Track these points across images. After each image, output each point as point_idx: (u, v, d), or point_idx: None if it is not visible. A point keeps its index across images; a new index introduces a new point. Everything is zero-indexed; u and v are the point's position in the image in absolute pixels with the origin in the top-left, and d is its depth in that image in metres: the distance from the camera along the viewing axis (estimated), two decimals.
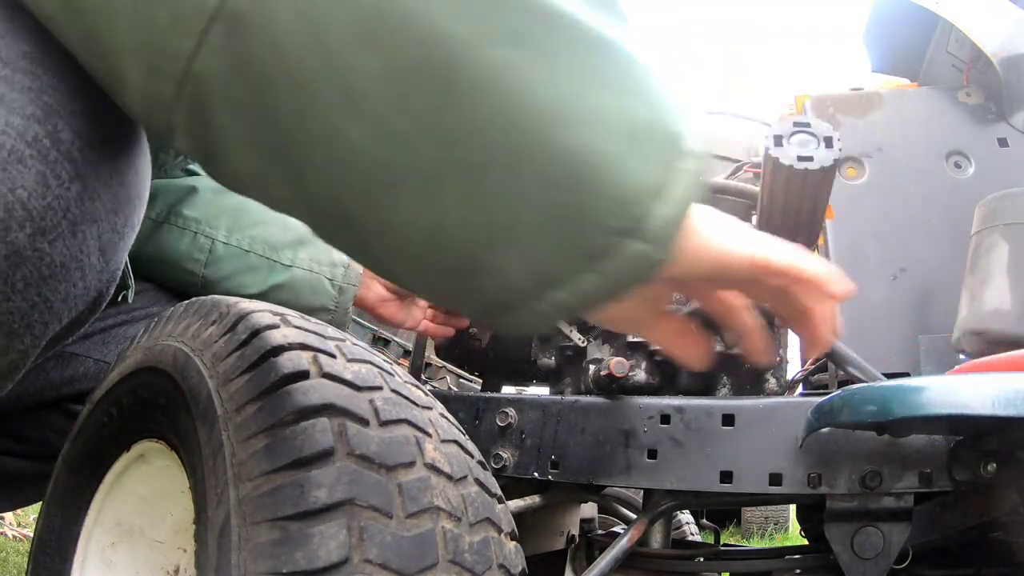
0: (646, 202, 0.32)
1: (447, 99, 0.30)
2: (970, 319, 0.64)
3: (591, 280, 0.33)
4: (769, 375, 0.85)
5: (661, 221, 0.32)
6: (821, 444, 0.67)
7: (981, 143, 0.82)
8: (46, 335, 0.38)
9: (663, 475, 0.73)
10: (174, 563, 0.74)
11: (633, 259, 0.33)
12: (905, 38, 1.04)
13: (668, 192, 0.33)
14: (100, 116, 0.39)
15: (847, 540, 0.66)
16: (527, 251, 0.32)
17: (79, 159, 0.36)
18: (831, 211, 0.81)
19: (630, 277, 0.34)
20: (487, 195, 0.31)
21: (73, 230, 0.36)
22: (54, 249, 0.35)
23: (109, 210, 0.39)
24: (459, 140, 0.30)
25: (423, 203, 0.32)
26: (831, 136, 0.55)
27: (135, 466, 0.73)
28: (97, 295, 0.41)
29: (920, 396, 0.53)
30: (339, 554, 0.44)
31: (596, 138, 0.31)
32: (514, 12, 0.30)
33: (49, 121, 0.34)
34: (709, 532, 1.48)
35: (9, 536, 1.99)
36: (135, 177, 0.42)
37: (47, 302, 0.36)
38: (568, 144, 0.31)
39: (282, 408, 0.50)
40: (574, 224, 0.32)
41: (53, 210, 0.35)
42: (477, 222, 0.32)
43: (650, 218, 0.32)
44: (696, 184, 0.34)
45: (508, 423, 0.85)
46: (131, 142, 0.43)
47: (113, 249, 0.41)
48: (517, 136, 0.30)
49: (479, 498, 0.56)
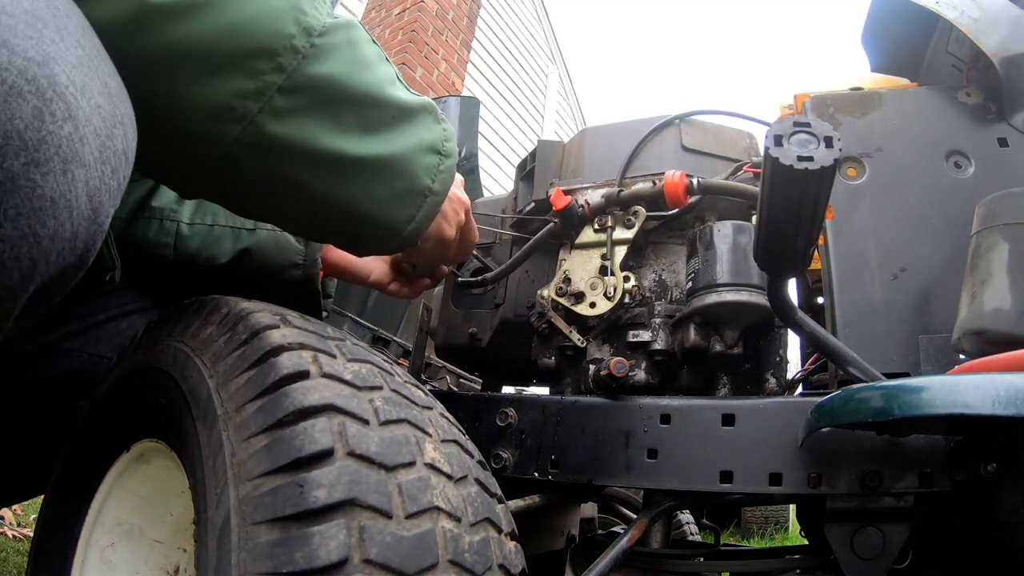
0: (402, 225, 0.69)
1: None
2: (970, 319, 0.64)
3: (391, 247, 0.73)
4: (769, 375, 0.85)
5: (410, 232, 0.70)
6: (821, 444, 0.67)
7: (981, 143, 0.82)
8: (33, 276, 0.39)
9: (663, 475, 0.73)
10: (174, 563, 0.73)
11: (398, 247, 0.73)
12: (905, 38, 1.04)
13: (415, 218, 0.69)
14: (95, 72, 0.43)
15: (847, 540, 0.66)
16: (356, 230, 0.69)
17: (72, 102, 0.39)
18: (831, 211, 0.81)
19: (395, 250, 0.75)
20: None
21: (64, 168, 0.39)
22: (46, 182, 0.38)
23: (97, 159, 0.42)
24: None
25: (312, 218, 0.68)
26: (831, 136, 0.55)
27: (135, 466, 0.73)
28: (84, 248, 0.43)
29: (920, 396, 0.53)
30: (339, 554, 0.44)
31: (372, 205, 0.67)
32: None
33: (47, 65, 0.38)
34: (709, 532, 1.49)
35: (9, 536, 1.99)
36: (123, 136, 0.45)
37: (36, 236, 0.38)
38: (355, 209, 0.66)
39: (282, 408, 0.50)
40: (364, 241, 0.72)
41: (46, 144, 0.38)
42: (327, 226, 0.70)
43: (405, 232, 0.69)
44: (432, 209, 0.70)
45: (508, 423, 0.85)
46: (122, 103, 0.46)
47: (99, 199, 0.43)
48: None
49: (479, 498, 0.56)
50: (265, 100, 0.56)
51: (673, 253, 0.98)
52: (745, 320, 0.83)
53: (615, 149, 1.02)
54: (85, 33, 0.44)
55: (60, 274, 0.42)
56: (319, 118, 0.59)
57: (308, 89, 0.58)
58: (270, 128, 0.57)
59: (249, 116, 0.56)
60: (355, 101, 0.61)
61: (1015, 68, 0.81)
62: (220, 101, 0.55)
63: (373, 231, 0.68)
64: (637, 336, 0.89)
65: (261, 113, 0.56)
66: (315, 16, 0.58)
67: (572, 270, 0.95)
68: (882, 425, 0.62)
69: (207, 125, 0.56)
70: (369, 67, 0.63)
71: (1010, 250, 0.63)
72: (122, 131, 0.45)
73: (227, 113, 0.56)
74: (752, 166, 0.96)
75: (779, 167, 0.54)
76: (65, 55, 0.40)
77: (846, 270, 0.78)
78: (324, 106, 0.59)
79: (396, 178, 0.66)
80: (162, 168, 0.65)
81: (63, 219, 0.40)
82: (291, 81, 0.57)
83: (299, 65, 0.57)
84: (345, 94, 0.60)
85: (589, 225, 0.97)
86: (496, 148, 6.45)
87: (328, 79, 0.59)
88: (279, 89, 0.56)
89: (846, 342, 0.72)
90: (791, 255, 0.61)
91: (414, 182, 0.68)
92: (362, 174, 0.63)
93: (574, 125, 8.25)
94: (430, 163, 0.69)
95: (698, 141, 1.01)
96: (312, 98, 0.58)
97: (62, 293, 0.44)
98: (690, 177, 0.91)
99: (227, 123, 0.56)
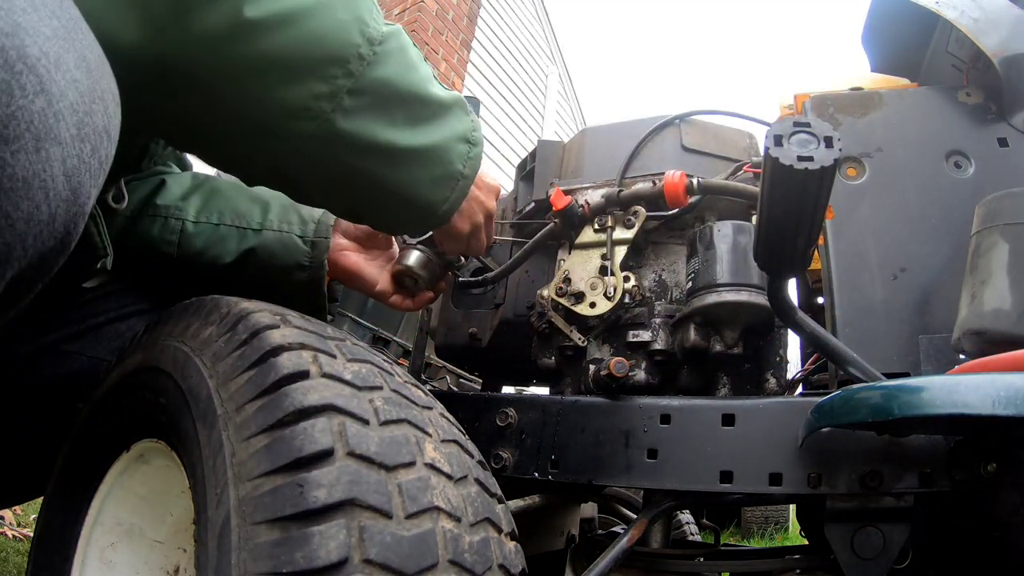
0: (438, 205, 0.76)
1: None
2: (970, 319, 0.64)
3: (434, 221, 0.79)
4: (769, 375, 0.85)
5: (444, 211, 0.77)
6: (821, 444, 0.67)
7: (981, 143, 0.81)
8: (10, 262, 0.38)
9: (663, 475, 0.73)
10: (174, 563, 0.73)
11: (434, 224, 0.81)
12: (905, 38, 1.04)
13: (449, 199, 0.77)
14: (72, 44, 0.41)
15: (847, 540, 0.66)
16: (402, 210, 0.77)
17: (45, 76, 0.37)
18: (831, 211, 0.81)
19: (431, 227, 0.86)
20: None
21: (36, 145, 0.37)
22: (16, 161, 0.36)
23: (75, 136, 0.40)
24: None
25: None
26: (831, 136, 0.55)
27: (135, 466, 0.73)
28: (64, 232, 0.41)
29: (920, 396, 0.53)
30: (339, 554, 0.44)
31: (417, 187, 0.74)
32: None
33: (16, 36, 0.36)
34: (709, 532, 1.48)
35: (9, 536, 1.99)
36: (103, 112, 0.44)
37: (8, 218, 0.36)
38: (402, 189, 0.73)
39: (282, 408, 0.50)
40: (405, 219, 0.79)
41: (16, 120, 0.35)
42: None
43: (440, 211, 0.77)
44: (463, 191, 0.78)
45: (508, 423, 0.85)
46: (102, 77, 0.45)
47: (79, 179, 0.41)
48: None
49: (479, 498, 0.56)
50: (337, 101, 0.64)
51: (673, 253, 0.98)
52: (745, 320, 0.83)
53: (615, 149, 1.02)
54: (62, 4, 0.42)
55: (40, 259, 0.40)
56: (377, 115, 0.67)
57: (371, 90, 0.66)
58: (339, 125, 0.65)
59: (323, 115, 0.63)
60: (405, 99, 0.69)
61: (1015, 68, 0.81)
62: (300, 102, 0.62)
63: (414, 210, 0.76)
64: (637, 336, 0.89)
65: (333, 112, 0.64)
66: (375, 27, 0.66)
67: (572, 270, 0.95)
68: (882, 425, 0.62)
69: (286, 123, 0.63)
70: (415, 68, 0.71)
71: (1010, 250, 0.63)
72: (102, 107, 0.44)
73: (304, 112, 0.63)
74: (752, 166, 0.96)
75: (779, 167, 0.54)
76: (38, 26, 0.38)
77: (846, 270, 0.78)
78: (382, 104, 0.67)
79: (435, 164, 0.74)
80: (231, 158, 0.71)
81: (38, 200, 0.38)
82: (358, 84, 0.64)
83: (364, 70, 0.65)
84: (398, 93, 0.68)
85: (589, 225, 0.97)
86: (496, 148, 6.45)
87: (386, 81, 0.67)
88: (348, 91, 0.64)
89: (846, 342, 0.72)
90: (791, 255, 0.61)
91: (449, 167, 0.76)
92: (409, 161, 0.72)
93: (574, 125, 8.25)
94: (462, 151, 0.77)
95: (698, 141, 1.01)
96: (374, 98, 0.66)
97: (44, 279, 0.43)
98: (690, 177, 0.91)
99: (303, 120, 0.63)
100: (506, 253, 1.12)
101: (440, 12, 5.49)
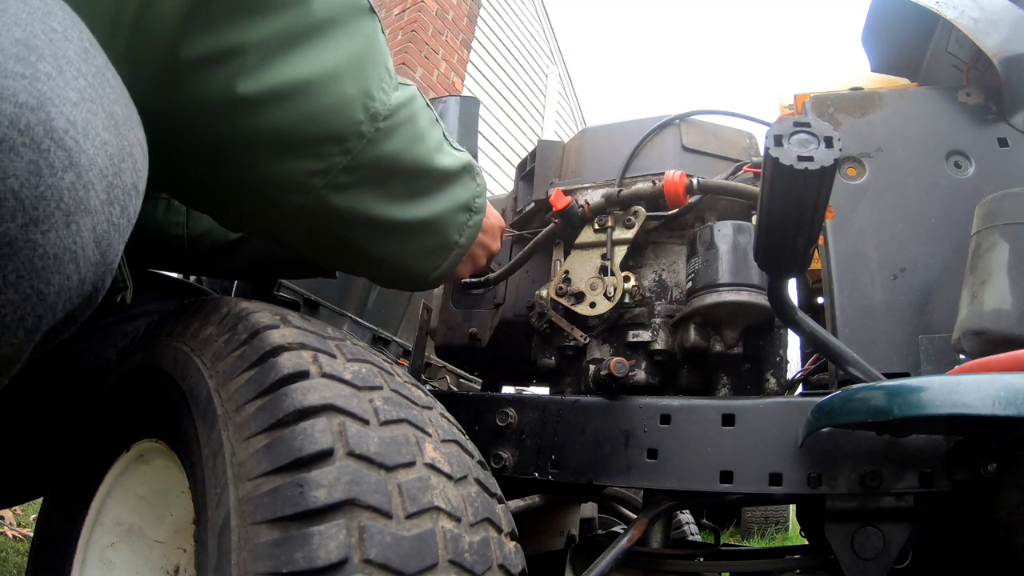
0: (428, 273, 0.78)
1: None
2: (970, 319, 0.64)
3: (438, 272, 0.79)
4: (769, 375, 0.85)
5: (435, 278, 0.79)
6: (821, 444, 0.67)
7: (981, 143, 0.81)
8: (40, 329, 0.37)
9: (663, 475, 0.73)
10: (174, 563, 0.73)
11: (422, 289, 0.83)
12: (905, 38, 1.04)
13: (440, 267, 0.78)
14: (99, 104, 0.39)
15: (847, 540, 0.66)
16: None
17: (73, 148, 0.36)
18: (831, 211, 0.81)
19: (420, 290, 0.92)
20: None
21: (67, 220, 0.36)
22: (47, 240, 0.35)
23: (104, 202, 0.39)
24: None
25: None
26: (831, 136, 0.55)
27: (135, 466, 0.73)
28: (93, 289, 0.41)
29: (920, 396, 0.53)
30: (339, 554, 0.44)
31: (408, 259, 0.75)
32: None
33: (42, 109, 0.34)
34: (709, 532, 1.48)
35: (9, 536, 1.99)
36: (132, 168, 0.42)
37: (40, 295, 0.35)
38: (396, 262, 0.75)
39: (282, 408, 0.50)
40: (393, 282, 0.80)
41: (46, 200, 0.34)
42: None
43: (430, 278, 0.79)
44: (457, 258, 0.79)
45: (508, 423, 0.85)
46: (130, 131, 0.43)
47: (108, 241, 0.40)
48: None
49: (479, 498, 0.56)
50: (330, 177, 0.62)
51: (673, 253, 0.98)
52: (745, 320, 0.83)
53: (615, 149, 1.02)
54: (87, 56, 0.39)
55: (67, 316, 0.40)
56: (373, 189, 0.66)
57: (369, 166, 0.64)
58: (331, 200, 0.63)
59: (314, 190, 0.62)
60: (406, 173, 0.68)
61: (1015, 68, 0.81)
62: (291, 177, 0.61)
63: (402, 276, 0.77)
64: (637, 336, 0.89)
65: (325, 188, 0.62)
66: (382, 100, 0.63)
67: (572, 270, 0.95)
68: (882, 425, 0.62)
69: (276, 193, 0.62)
70: (422, 139, 0.69)
71: (1010, 250, 0.63)
72: (131, 163, 0.42)
73: (295, 186, 0.61)
74: (752, 166, 0.96)
75: (779, 167, 0.54)
76: (64, 92, 0.36)
77: (846, 270, 0.78)
78: (379, 179, 0.66)
79: (430, 236, 0.74)
80: (222, 213, 0.71)
81: (69, 272, 0.37)
82: (355, 161, 0.63)
83: (364, 148, 0.63)
84: (399, 168, 0.67)
85: (589, 225, 0.97)
86: (496, 148, 6.45)
87: (387, 157, 0.65)
88: (344, 168, 0.62)
89: (846, 342, 0.72)
90: (791, 255, 0.61)
91: (444, 238, 0.76)
92: (401, 233, 0.71)
93: (574, 125, 8.25)
94: (461, 220, 0.77)
95: (698, 141, 1.01)
96: (371, 173, 0.65)
97: (70, 331, 0.42)
98: (690, 177, 0.91)
99: (294, 193, 0.62)
100: (506, 253, 1.12)
101: (440, 12, 5.49)
